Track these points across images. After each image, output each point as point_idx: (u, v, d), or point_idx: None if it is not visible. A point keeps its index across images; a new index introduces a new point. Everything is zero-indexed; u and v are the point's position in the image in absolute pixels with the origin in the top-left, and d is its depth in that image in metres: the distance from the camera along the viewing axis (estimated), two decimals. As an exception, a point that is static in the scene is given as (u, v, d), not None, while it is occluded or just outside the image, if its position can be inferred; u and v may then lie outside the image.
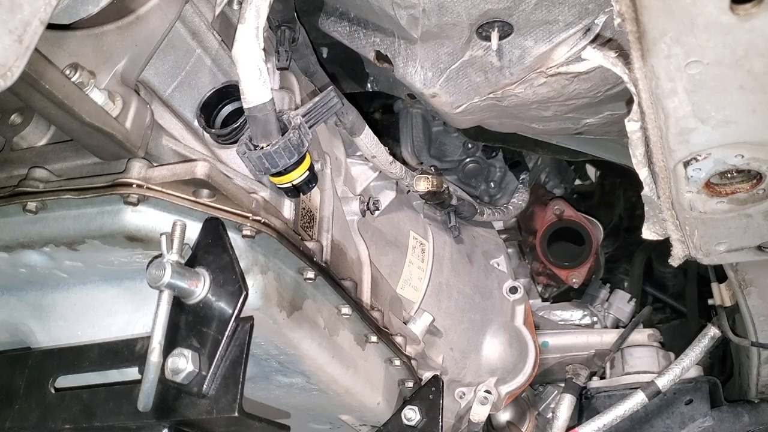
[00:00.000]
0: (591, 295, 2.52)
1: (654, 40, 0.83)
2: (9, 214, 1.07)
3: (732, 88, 0.88)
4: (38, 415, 1.08)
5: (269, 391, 1.33)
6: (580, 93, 1.37)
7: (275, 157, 1.07)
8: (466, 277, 1.91)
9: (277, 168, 1.08)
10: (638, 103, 0.97)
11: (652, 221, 1.17)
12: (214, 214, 1.04)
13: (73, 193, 1.02)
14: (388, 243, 1.65)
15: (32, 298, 1.18)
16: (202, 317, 1.00)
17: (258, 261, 1.12)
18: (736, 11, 0.77)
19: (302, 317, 1.22)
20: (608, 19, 1.18)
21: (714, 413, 1.97)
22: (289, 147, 1.07)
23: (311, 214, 1.31)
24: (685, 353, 1.92)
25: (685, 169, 1.01)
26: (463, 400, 1.82)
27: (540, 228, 2.45)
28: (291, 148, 1.07)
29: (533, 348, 1.92)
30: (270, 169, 1.08)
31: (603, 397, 2.06)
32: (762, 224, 1.12)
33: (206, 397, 0.98)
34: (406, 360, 1.51)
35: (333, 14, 1.47)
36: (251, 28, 1.05)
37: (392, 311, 1.55)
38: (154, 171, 1.03)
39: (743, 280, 1.58)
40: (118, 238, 1.05)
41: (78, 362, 1.11)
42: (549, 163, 2.55)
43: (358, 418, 1.51)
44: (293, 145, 1.07)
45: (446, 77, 1.38)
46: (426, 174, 1.68)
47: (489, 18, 1.23)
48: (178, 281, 0.98)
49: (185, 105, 1.20)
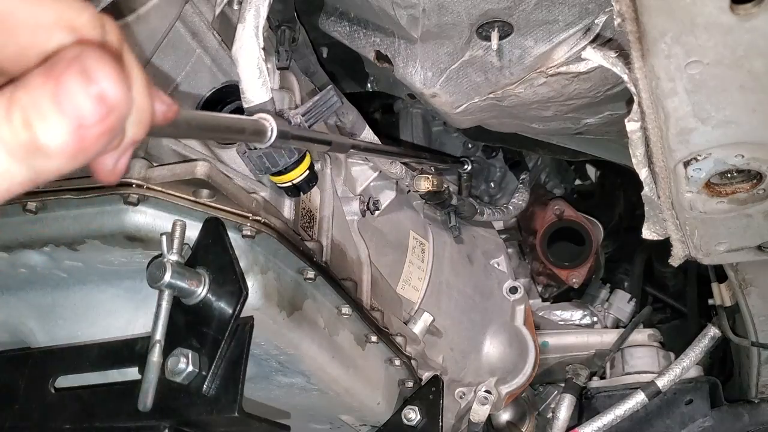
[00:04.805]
0: (591, 295, 2.52)
1: (654, 40, 0.83)
2: (9, 214, 1.07)
3: (732, 88, 0.88)
4: (38, 415, 1.08)
5: (269, 391, 1.33)
6: (580, 93, 1.37)
7: (276, 156, 1.07)
8: (466, 277, 1.91)
9: (277, 167, 1.08)
10: (638, 103, 0.97)
11: (652, 221, 1.17)
12: (214, 214, 1.04)
13: (73, 192, 1.02)
14: (388, 243, 1.65)
15: (32, 298, 1.18)
16: (202, 317, 1.00)
17: (258, 261, 1.12)
18: (736, 11, 0.77)
19: (302, 317, 1.22)
20: (608, 19, 1.18)
21: (714, 413, 1.97)
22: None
23: (311, 214, 1.31)
24: (685, 353, 1.92)
25: (685, 169, 1.01)
26: (463, 400, 1.82)
27: (540, 228, 2.45)
28: (291, 147, 1.08)
29: (533, 348, 1.92)
30: (270, 168, 1.08)
31: (603, 397, 2.06)
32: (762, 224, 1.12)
33: (206, 397, 0.98)
34: (406, 360, 1.51)
35: (333, 14, 1.47)
36: (251, 28, 1.05)
37: (392, 311, 1.55)
38: (154, 171, 1.03)
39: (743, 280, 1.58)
40: (118, 238, 1.05)
41: (78, 362, 1.11)
42: (549, 163, 2.55)
43: (358, 418, 1.51)
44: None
45: (446, 77, 1.38)
46: (426, 174, 1.68)
47: (489, 18, 1.23)
48: (178, 281, 0.98)
49: (185, 105, 1.20)
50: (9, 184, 0.46)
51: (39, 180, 0.47)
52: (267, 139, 0.83)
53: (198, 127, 0.70)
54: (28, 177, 0.46)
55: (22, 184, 0.47)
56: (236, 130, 0.80)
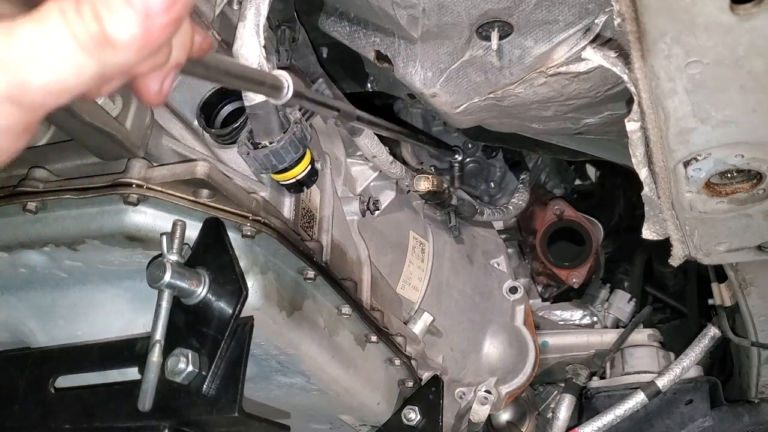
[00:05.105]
0: (591, 295, 2.52)
1: (654, 40, 0.83)
2: (9, 214, 1.07)
3: (732, 88, 0.88)
4: (38, 415, 1.08)
5: (269, 391, 1.33)
6: (580, 93, 1.37)
7: (282, 152, 1.07)
8: (466, 277, 1.91)
9: (284, 163, 1.09)
10: (638, 103, 0.97)
11: (652, 221, 1.17)
12: (214, 214, 1.04)
13: (73, 193, 1.02)
14: (388, 243, 1.65)
15: (32, 298, 1.18)
16: (202, 317, 1.00)
17: (258, 261, 1.12)
18: (736, 11, 0.77)
19: (302, 317, 1.22)
20: (608, 19, 1.18)
21: (714, 413, 1.97)
22: (295, 141, 1.08)
23: (311, 214, 1.31)
24: (685, 353, 1.92)
25: (685, 169, 1.01)
26: (463, 400, 1.82)
27: (540, 228, 2.45)
28: (296, 142, 1.08)
29: (533, 348, 1.92)
30: (277, 165, 1.09)
31: (603, 397, 2.06)
32: (762, 224, 1.12)
33: (206, 397, 0.98)
34: (406, 360, 1.51)
35: (333, 14, 1.47)
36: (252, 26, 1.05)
37: (392, 311, 1.55)
38: (154, 171, 1.03)
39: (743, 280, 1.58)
40: (118, 238, 1.05)
41: (78, 362, 1.11)
42: (549, 163, 2.55)
43: (358, 418, 1.51)
44: (298, 139, 1.08)
45: (446, 77, 1.38)
46: (426, 174, 1.68)
47: (489, 18, 1.23)
48: (178, 281, 0.98)
49: (185, 105, 1.20)
50: (80, 78, 0.48)
51: (106, 74, 0.49)
52: (284, 95, 0.86)
53: (225, 72, 0.73)
54: (97, 71, 0.49)
55: (92, 79, 0.49)
56: (257, 81, 0.84)
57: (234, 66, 0.80)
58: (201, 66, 0.65)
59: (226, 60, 0.82)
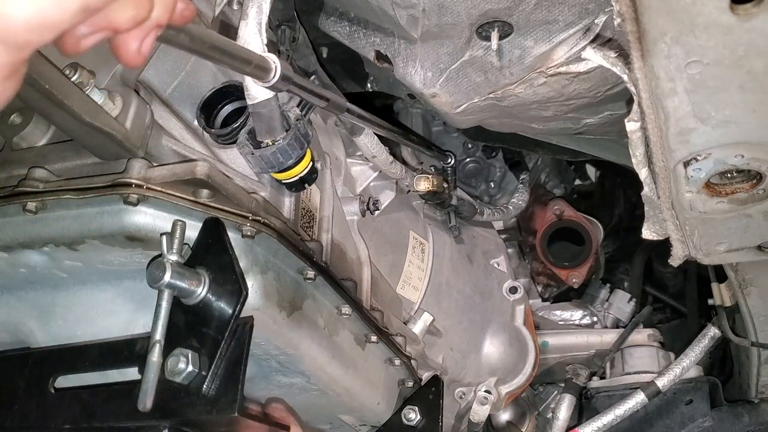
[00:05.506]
0: (591, 295, 2.52)
1: (654, 40, 0.83)
2: (9, 214, 1.07)
3: (732, 88, 0.88)
4: (38, 415, 1.08)
5: (269, 391, 1.33)
6: (580, 93, 1.37)
7: (289, 149, 1.08)
8: (466, 277, 1.91)
9: (291, 160, 1.09)
10: (638, 103, 0.97)
11: (652, 221, 1.17)
12: (214, 214, 1.04)
13: (73, 193, 1.02)
14: (388, 243, 1.65)
15: (32, 298, 1.18)
16: (202, 317, 1.00)
17: (258, 261, 1.12)
18: (736, 11, 0.77)
19: (302, 317, 1.22)
20: (608, 19, 1.18)
21: (714, 413, 1.97)
22: (299, 137, 1.09)
23: (311, 214, 1.31)
24: (685, 353, 1.92)
25: (685, 169, 1.01)
26: (463, 400, 1.82)
27: (540, 228, 2.46)
28: (300, 139, 1.09)
29: (533, 348, 1.92)
30: (284, 162, 1.09)
31: (603, 397, 2.06)
32: (762, 224, 1.12)
33: (206, 397, 0.98)
34: (406, 360, 1.51)
35: (333, 14, 1.47)
36: (254, 25, 1.05)
37: (392, 311, 1.55)
38: (153, 171, 1.03)
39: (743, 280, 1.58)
40: (118, 238, 1.05)
41: (78, 362, 1.11)
42: (549, 163, 2.55)
43: (358, 418, 1.51)
44: (302, 135, 1.09)
45: (446, 77, 1.38)
46: (426, 174, 1.68)
47: (489, 18, 1.23)
48: (178, 281, 0.98)
49: (185, 105, 1.20)
50: (63, 12, 0.48)
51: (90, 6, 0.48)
52: (271, 77, 0.84)
53: (210, 45, 0.71)
54: (79, 5, 0.48)
55: (75, 14, 0.48)
56: (243, 60, 0.81)
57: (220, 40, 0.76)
58: (185, 35, 0.64)
59: (212, 34, 0.79)
